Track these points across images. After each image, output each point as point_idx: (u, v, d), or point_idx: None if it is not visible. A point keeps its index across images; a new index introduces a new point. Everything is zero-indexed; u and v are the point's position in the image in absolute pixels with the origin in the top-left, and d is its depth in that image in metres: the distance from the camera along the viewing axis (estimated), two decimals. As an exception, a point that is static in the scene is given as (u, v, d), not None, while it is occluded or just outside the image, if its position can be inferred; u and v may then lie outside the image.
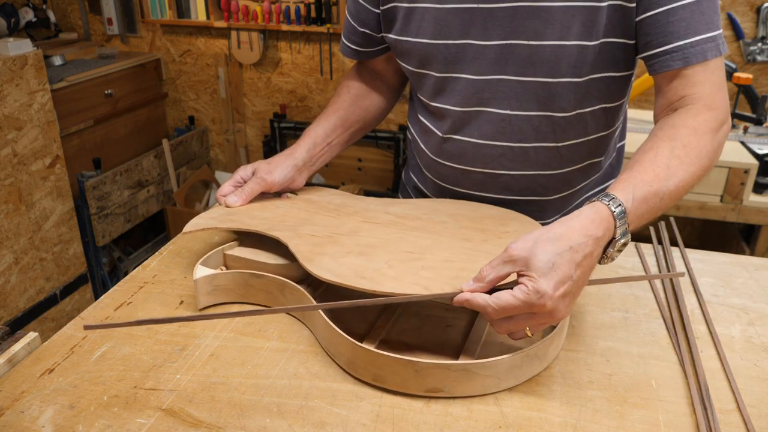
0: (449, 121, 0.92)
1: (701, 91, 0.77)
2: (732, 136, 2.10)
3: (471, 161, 0.93)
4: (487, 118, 0.89)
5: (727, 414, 0.62)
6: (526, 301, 0.59)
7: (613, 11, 0.78)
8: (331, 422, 0.60)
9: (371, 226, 0.82)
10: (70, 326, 0.75)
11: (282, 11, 2.66)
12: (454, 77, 0.88)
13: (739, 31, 2.29)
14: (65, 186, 2.24)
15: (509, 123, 0.88)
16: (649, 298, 0.81)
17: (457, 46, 0.86)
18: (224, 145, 3.16)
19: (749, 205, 1.94)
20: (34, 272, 2.16)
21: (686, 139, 0.73)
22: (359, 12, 0.96)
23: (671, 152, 0.72)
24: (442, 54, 0.87)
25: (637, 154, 0.74)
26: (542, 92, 0.85)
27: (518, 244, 0.62)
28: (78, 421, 0.60)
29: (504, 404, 0.62)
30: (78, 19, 3.10)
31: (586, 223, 0.63)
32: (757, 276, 0.87)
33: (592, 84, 0.84)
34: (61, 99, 2.36)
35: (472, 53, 0.85)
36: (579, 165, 0.93)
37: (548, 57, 0.81)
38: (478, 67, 0.86)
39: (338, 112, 1.03)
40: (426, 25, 0.87)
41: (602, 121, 0.90)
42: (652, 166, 0.70)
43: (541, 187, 0.94)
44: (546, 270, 0.59)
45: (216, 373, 0.66)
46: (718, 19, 0.77)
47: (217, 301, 0.78)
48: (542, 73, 0.83)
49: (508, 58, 0.84)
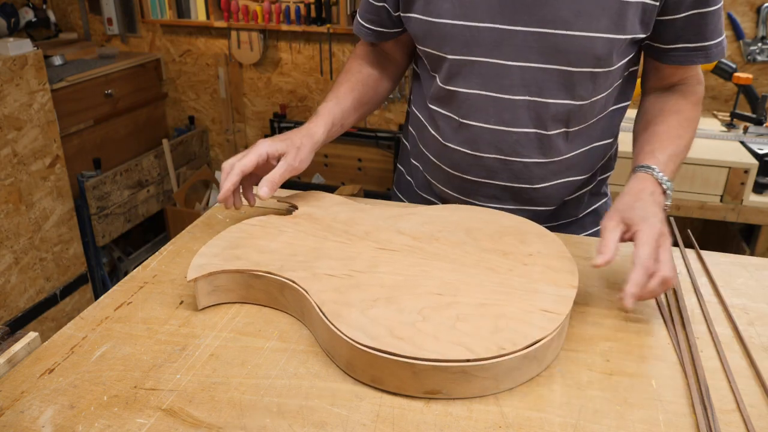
0: (465, 106, 0.92)
1: (697, 73, 0.94)
2: (732, 136, 2.10)
3: (486, 147, 0.93)
4: (505, 105, 0.89)
5: (727, 414, 0.62)
6: (653, 240, 0.72)
7: (640, 8, 0.83)
8: (331, 422, 0.60)
9: (389, 256, 0.78)
10: (70, 326, 0.74)
11: (282, 11, 2.66)
12: (473, 60, 0.88)
13: (739, 31, 2.29)
14: (65, 186, 2.24)
15: (527, 109, 0.89)
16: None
17: (480, 29, 0.86)
18: (224, 145, 3.16)
19: (749, 205, 1.94)
20: (34, 272, 2.16)
21: (688, 113, 0.91)
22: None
23: (679, 124, 0.89)
24: (464, 36, 0.87)
25: (651, 125, 0.90)
26: (564, 81, 0.87)
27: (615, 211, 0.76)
28: (78, 421, 0.60)
29: (504, 404, 0.63)
30: (78, 19, 3.10)
31: (647, 184, 0.80)
32: (757, 276, 0.87)
33: (612, 75, 0.89)
34: (61, 99, 2.37)
35: (496, 37, 0.86)
36: (584, 148, 0.97)
37: (576, 47, 0.84)
38: (501, 52, 0.86)
39: (353, 93, 1.01)
40: (449, 5, 0.86)
41: (613, 109, 0.96)
42: (668, 135, 0.87)
43: (552, 174, 0.96)
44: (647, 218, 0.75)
45: (216, 373, 0.66)
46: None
47: (217, 301, 0.78)
48: (566, 62, 0.85)
49: (533, 46, 0.85)
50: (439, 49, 0.90)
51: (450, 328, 0.65)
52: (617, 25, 0.82)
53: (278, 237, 0.83)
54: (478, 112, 0.92)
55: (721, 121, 2.25)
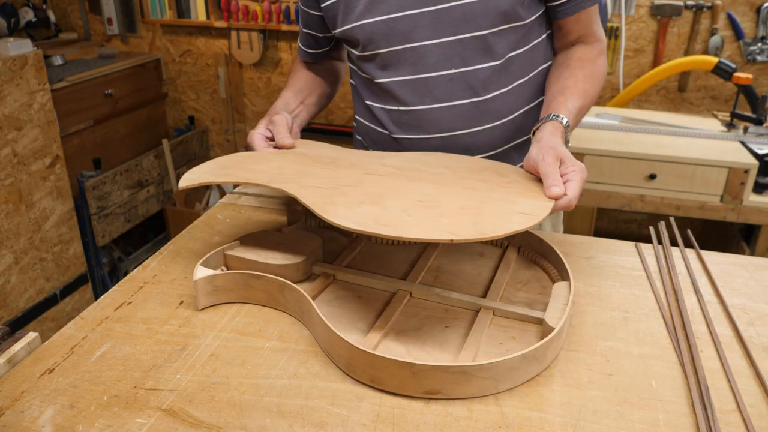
0: (402, 93, 1.00)
1: (593, 29, 1.01)
2: (732, 136, 2.10)
3: (430, 128, 1.01)
4: (436, 82, 0.97)
5: (727, 414, 0.62)
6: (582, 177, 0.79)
7: None
8: (331, 422, 0.60)
9: (374, 178, 0.82)
10: (70, 326, 0.75)
11: (282, 11, 2.66)
12: (398, 50, 0.96)
13: (739, 31, 2.29)
14: (65, 186, 2.24)
15: (458, 82, 0.97)
16: (649, 298, 0.81)
17: (395, 20, 0.95)
18: (224, 145, 3.16)
19: (749, 205, 1.94)
20: (34, 272, 2.16)
21: (592, 67, 0.99)
22: (304, 18, 1.09)
23: (584, 78, 0.96)
24: (382, 30, 0.95)
25: (560, 80, 0.97)
26: (481, 45, 0.95)
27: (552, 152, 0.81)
28: (78, 421, 0.60)
29: (504, 404, 0.63)
30: (78, 19, 3.10)
31: (557, 135, 0.87)
32: (757, 276, 0.87)
33: (528, 32, 0.98)
34: (61, 99, 2.37)
35: (410, 23, 0.94)
36: (529, 106, 1.04)
37: (482, 12, 0.92)
38: (418, 34, 0.94)
39: (298, 83, 1.14)
40: (362, 8, 0.95)
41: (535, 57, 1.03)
42: (575, 89, 0.94)
43: (499, 139, 1.03)
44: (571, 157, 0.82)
45: (216, 373, 0.66)
46: None
47: (217, 301, 0.78)
48: (475, 27, 0.93)
49: (443, 21, 0.93)
50: (367, 49, 0.99)
51: (433, 220, 0.68)
52: None
53: (267, 163, 0.88)
54: (415, 96, 0.99)
55: (721, 121, 2.25)
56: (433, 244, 0.90)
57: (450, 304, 0.78)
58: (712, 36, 2.33)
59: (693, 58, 2.18)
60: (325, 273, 0.83)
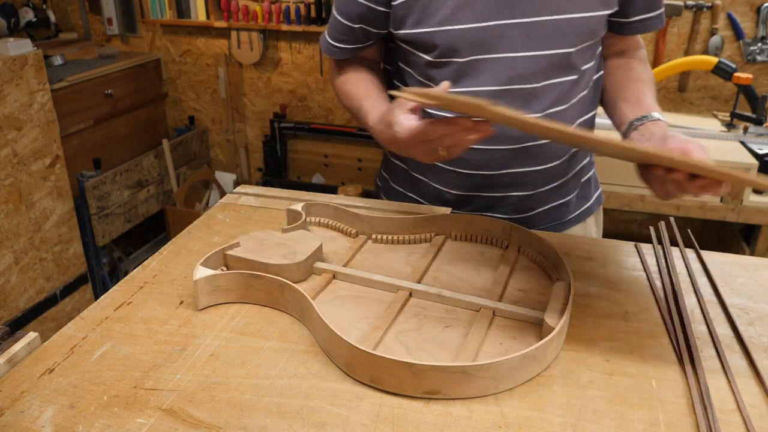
0: None
1: (638, 40, 1.07)
2: (732, 136, 2.10)
3: (501, 139, 0.96)
4: (513, 95, 0.93)
5: (727, 414, 0.62)
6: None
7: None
8: (331, 422, 0.60)
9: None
10: (70, 326, 0.75)
11: (282, 11, 2.66)
12: (480, 59, 0.92)
13: (739, 31, 2.29)
14: (65, 186, 2.24)
15: (534, 96, 0.94)
16: (649, 298, 0.81)
17: (483, 29, 0.90)
18: (224, 145, 3.16)
19: (749, 205, 1.94)
20: (34, 272, 2.16)
21: (649, 72, 1.04)
22: (358, 11, 0.97)
23: (650, 80, 1.02)
24: (468, 38, 0.90)
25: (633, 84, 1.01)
26: (564, 62, 0.94)
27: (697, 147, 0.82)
28: (78, 421, 0.60)
29: (504, 404, 0.63)
30: (78, 19, 3.10)
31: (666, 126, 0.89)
32: (757, 276, 0.87)
33: (597, 44, 1.00)
34: (61, 99, 2.36)
35: (498, 33, 0.90)
36: (588, 116, 1.05)
37: (573, 29, 0.91)
38: (505, 45, 0.91)
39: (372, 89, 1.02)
40: (448, 12, 0.89)
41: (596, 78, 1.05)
42: (650, 92, 0.99)
43: (560, 149, 1.01)
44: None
45: (216, 373, 0.66)
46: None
47: (217, 301, 0.78)
48: (564, 44, 0.92)
49: (532, 34, 0.90)
50: (444, 56, 0.93)
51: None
52: (604, 2, 0.92)
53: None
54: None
55: (721, 121, 2.25)
56: (434, 245, 0.91)
57: (450, 304, 0.78)
58: (712, 36, 2.33)
59: (693, 58, 2.17)
60: (325, 273, 0.83)
